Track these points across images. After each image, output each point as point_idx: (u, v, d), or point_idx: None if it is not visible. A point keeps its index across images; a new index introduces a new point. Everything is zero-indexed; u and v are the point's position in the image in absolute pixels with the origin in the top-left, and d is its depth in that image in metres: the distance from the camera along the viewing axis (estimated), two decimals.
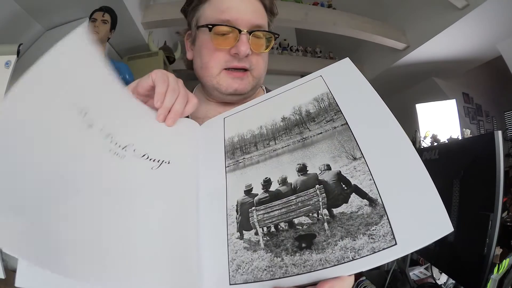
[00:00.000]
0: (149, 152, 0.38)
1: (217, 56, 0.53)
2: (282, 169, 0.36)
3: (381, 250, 0.26)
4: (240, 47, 0.50)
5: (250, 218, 0.34)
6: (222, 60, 0.53)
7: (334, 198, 0.31)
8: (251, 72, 0.55)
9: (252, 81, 0.55)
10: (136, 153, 0.37)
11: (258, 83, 0.57)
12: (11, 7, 1.78)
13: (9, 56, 1.38)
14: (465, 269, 0.64)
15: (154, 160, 0.38)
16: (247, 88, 0.55)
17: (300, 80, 0.44)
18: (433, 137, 2.41)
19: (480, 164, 0.67)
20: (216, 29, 0.51)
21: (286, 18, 2.63)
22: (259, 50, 0.54)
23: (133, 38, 2.47)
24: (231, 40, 0.51)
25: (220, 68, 0.53)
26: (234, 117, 0.45)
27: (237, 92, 0.54)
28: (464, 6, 2.52)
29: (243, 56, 0.51)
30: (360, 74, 0.39)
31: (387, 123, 0.33)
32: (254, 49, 0.52)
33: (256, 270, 0.30)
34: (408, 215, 0.27)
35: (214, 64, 0.53)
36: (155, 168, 0.37)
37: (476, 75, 4.13)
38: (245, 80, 0.54)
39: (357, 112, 0.36)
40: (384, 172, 0.30)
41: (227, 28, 0.51)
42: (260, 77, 0.57)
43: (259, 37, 0.53)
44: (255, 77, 0.55)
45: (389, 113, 0.34)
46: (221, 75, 0.53)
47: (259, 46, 0.54)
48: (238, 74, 0.53)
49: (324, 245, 0.29)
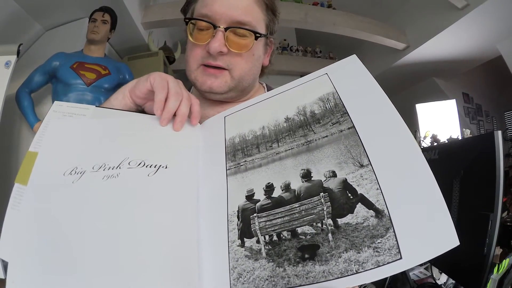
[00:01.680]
0: (145, 159, 0.38)
1: (195, 52, 0.51)
2: (285, 174, 0.35)
3: (386, 264, 0.25)
4: (212, 43, 0.47)
5: (252, 225, 0.33)
6: (199, 56, 0.51)
7: (339, 208, 0.30)
8: (230, 72, 0.51)
9: (230, 81, 0.51)
10: (132, 164, 0.38)
11: (239, 85, 0.53)
12: (11, 7, 1.78)
13: (9, 56, 1.38)
14: (465, 269, 0.64)
15: (150, 166, 0.38)
16: (223, 88, 0.51)
17: (305, 78, 0.42)
18: (433, 137, 2.41)
19: (480, 164, 0.67)
20: (196, 24, 0.50)
21: (286, 18, 2.62)
22: (239, 50, 0.49)
23: (133, 38, 2.47)
24: (208, 35, 0.49)
25: (198, 63, 0.51)
26: (235, 116, 0.44)
27: (212, 90, 0.51)
28: (464, 6, 2.52)
29: (214, 54, 0.48)
30: (368, 73, 0.37)
31: (395, 129, 0.32)
32: (232, 47, 0.48)
33: (257, 279, 0.29)
34: (415, 228, 0.26)
35: (192, 59, 0.52)
36: (152, 174, 0.37)
37: (476, 75, 4.13)
38: (220, 78, 0.51)
39: (365, 114, 0.34)
40: (391, 181, 0.29)
41: (205, 23, 0.49)
42: (242, 79, 0.52)
43: (241, 35, 0.49)
44: (234, 78, 0.51)
45: (398, 117, 0.32)
46: (198, 70, 0.52)
47: (239, 46, 0.49)
48: (213, 71, 0.51)
49: (328, 257, 0.28)
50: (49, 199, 0.35)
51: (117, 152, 0.39)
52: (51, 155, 0.39)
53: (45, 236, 0.32)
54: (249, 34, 0.49)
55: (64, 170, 0.37)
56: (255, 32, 0.50)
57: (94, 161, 0.38)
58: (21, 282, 0.30)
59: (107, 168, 0.37)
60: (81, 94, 1.62)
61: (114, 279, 0.29)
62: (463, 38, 2.93)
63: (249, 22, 0.49)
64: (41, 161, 0.39)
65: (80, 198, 0.35)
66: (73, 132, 0.42)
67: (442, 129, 2.82)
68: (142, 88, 0.45)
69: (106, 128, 0.43)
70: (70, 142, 0.41)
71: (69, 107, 0.45)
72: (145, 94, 0.45)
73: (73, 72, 1.63)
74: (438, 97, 3.70)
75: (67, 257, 0.30)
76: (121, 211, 0.34)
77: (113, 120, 0.44)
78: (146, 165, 0.38)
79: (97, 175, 0.36)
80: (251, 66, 0.53)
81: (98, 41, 1.73)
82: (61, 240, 0.31)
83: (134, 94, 0.46)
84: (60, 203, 0.35)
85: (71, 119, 0.44)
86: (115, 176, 0.36)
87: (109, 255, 0.30)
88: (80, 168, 0.37)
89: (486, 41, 2.99)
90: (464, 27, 2.70)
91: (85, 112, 0.45)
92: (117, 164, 0.37)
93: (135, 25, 2.32)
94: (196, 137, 0.44)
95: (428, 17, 2.90)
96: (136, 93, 0.46)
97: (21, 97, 1.65)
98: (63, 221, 0.33)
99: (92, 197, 0.35)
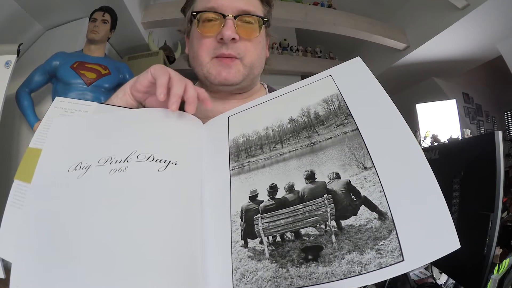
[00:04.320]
0: (154, 153, 0.37)
1: (204, 44, 0.52)
2: (289, 175, 0.34)
3: (388, 266, 0.25)
4: (225, 31, 0.49)
5: (255, 226, 0.33)
6: (210, 47, 0.52)
7: (343, 210, 0.30)
8: (241, 60, 0.52)
9: (243, 69, 0.53)
10: (140, 158, 0.37)
11: (251, 73, 0.54)
12: (11, 7, 1.78)
13: (9, 56, 1.38)
14: (465, 269, 0.64)
15: (160, 161, 0.37)
16: (238, 78, 0.53)
17: (308, 79, 0.42)
18: (433, 137, 2.41)
19: (480, 164, 0.67)
20: (202, 17, 0.51)
21: (286, 18, 2.62)
22: (248, 36, 0.52)
23: (133, 38, 2.47)
24: (217, 26, 0.50)
25: (210, 56, 0.52)
26: (238, 116, 0.43)
27: (227, 81, 0.52)
28: (464, 6, 2.51)
29: (227, 41, 0.50)
30: (372, 76, 0.37)
31: (399, 132, 0.32)
32: (242, 34, 0.51)
33: (260, 280, 0.29)
34: (417, 231, 0.26)
35: (202, 52, 0.52)
36: (162, 170, 0.36)
37: (476, 75, 4.13)
38: (234, 68, 0.52)
39: (369, 117, 0.34)
40: (395, 184, 0.29)
41: (212, 14, 0.50)
42: (253, 65, 0.54)
43: (248, 22, 0.52)
44: (246, 65, 0.53)
45: (402, 120, 0.32)
46: (211, 63, 0.52)
47: (248, 31, 0.52)
48: (226, 61, 0.52)
49: (331, 258, 0.28)
50: (52, 196, 0.35)
51: (125, 144, 0.38)
52: (55, 151, 0.39)
53: (47, 234, 0.32)
54: (255, 21, 0.53)
55: (68, 166, 0.36)
56: (262, 17, 0.53)
57: (100, 154, 0.37)
58: (24, 282, 0.30)
59: (114, 161, 0.36)
60: (81, 94, 1.62)
61: (118, 278, 0.28)
62: (463, 38, 2.93)
63: (253, 11, 0.53)
64: (45, 158, 0.38)
65: (84, 194, 0.34)
66: (78, 127, 0.41)
67: (442, 129, 2.82)
68: (143, 81, 0.44)
69: (111, 121, 0.42)
70: (75, 138, 0.40)
71: (70, 103, 0.45)
72: (146, 88, 0.45)
73: (73, 71, 1.63)
74: (438, 97, 3.70)
75: (69, 256, 0.30)
76: (128, 208, 0.33)
77: (117, 113, 0.44)
78: (156, 159, 0.37)
79: (104, 169, 0.35)
80: (259, 53, 0.56)
81: (98, 41, 1.73)
82: (62, 238, 0.31)
83: (135, 89, 0.46)
84: (64, 200, 0.34)
85: (75, 115, 0.43)
86: (122, 170, 0.35)
87: (114, 253, 0.30)
88: (85, 162, 0.36)
89: (486, 41, 2.99)
90: (464, 27, 2.70)
91: (87, 109, 0.44)
92: (125, 157, 0.36)
93: (135, 24, 2.32)
94: (200, 135, 0.44)
95: (428, 17, 2.90)
96: (136, 87, 0.45)
97: (21, 97, 1.65)
98: (65, 219, 0.32)
99: (98, 193, 0.34)
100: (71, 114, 0.44)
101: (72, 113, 0.44)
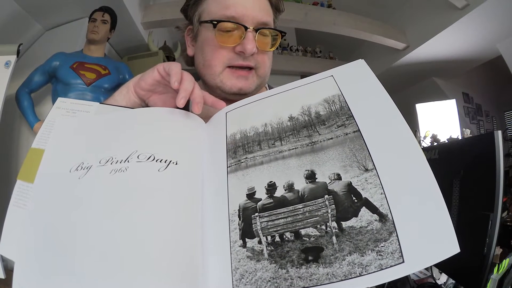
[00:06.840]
0: (155, 153, 0.37)
1: (220, 54, 0.51)
2: (288, 174, 0.34)
3: (389, 268, 0.25)
4: (247, 45, 0.49)
5: (253, 225, 0.32)
6: (226, 58, 0.51)
7: (344, 211, 0.30)
8: (256, 71, 0.53)
9: (257, 80, 0.54)
10: (141, 158, 0.36)
11: (262, 83, 0.56)
12: (11, 7, 1.78)
13: (9, 56, 1.38)
14: (465, 269, 0.64)
15: (161, 161, 0.36)
16: (252, 88, 0.53)
17: (309, 78, 0.42)
18: (433, 137, 2.41)
19: (480, 164, 0.67)
20: (220, 26, 0.49)
21: (286, 18, 2.62)
22: (265, 48, 0.52)
23: (133, 38, 2.47)
24: (236, 37, 0.49)
25: (223, 66, 0.52)
26: (236, 112, 0.43)
27: (241, 91, 0.52)
28: (464, 6, 2.51)
29: (249, 55, 0.50)
30: (375, 78, 0.37)
31: (400, 134, 0.32)
32: (260, 47, 0.51)
33: (260, 280, 0.29)
34: (417, 233, 0.26)
35: (218, 62, 0.51)
36: (162, 170, 0.36)
37: (476, 75, 4.13)
38: (250, 79, 0.53)
39: (370, 119, 0.34)
40: (395, 186, 0.29)
41: (232, 24, 0.49)
42: (265, 76, 0.55)
43: (265, 35, 0.52)
44: (260, 76, 0.54)
45: (404, 123, 0.33)
46: (224, 73, 0.52)
47: (265, 44, 0.52)
48: (243, 73, 0.52)
49: (332, 259, 0.28)
50: (55, 197, 0.35)
51: (125, 145, 0.38)
52: (58, 152, 0.39)
53: (49, 233, 0.32)
54: (269, 32, 0.53)
55: (70, 166, 0.36)
56: (280, 32, 0.54)
57: (101, 155, 0.37)
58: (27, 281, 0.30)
59: (115, 161, 0.36)
60: (81, 94, 1.62)
61: (118, 278, 0.28)
62: (463, 38, 2.93)
63: (270, 22, 0.53)
64: (47, 158, 0.38)
65: (85, 194, 0.34)
66: (80, 128, 0.42)
67: (442, 129, 2.82)
68: (147, 79, 0.44)
69: (112, 122, 0.42)
70: (77, 139, 0.40)
71: (72, 104, 0.45)
72: (150, 86, 0.45)
73: (73, 72, 1.63)
74: (438, 97, 3.70)
75: (71, 255, 0.30)
76: (129, 208, 0.33)
77: (119, 113, 0.44)
78: (156, 159, 0.36)
79: (105, 170, 0.35)
80: (271, 63, 0.57)
81: (98, 41, 1.73)
82: (64, 237, 0.31)
83: (139, 86, 0.46)
84: (65, 200, 0.34)
85: (78, 117, 0.43)
86: (123, 170, 0.35)
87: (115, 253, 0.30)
88: (87, 163, 0.36)
89: (486, 41, 2.99)
90: (464, 27, 2.70)
91: (88, 109, 0.45)
92: (125, 158, 0.36)
93: (135, 25, 2.32)
94: (202, 134, 0.43)
95: (428, 17, 2.90)
96: (141, 84, 0.45)
97: (21, 97, 1.65)
98: (66, 219, 0.33)
99: (98, 193, 0.34)
100: (73, 114, 0.44)
101: (74, 114, 0.44)
